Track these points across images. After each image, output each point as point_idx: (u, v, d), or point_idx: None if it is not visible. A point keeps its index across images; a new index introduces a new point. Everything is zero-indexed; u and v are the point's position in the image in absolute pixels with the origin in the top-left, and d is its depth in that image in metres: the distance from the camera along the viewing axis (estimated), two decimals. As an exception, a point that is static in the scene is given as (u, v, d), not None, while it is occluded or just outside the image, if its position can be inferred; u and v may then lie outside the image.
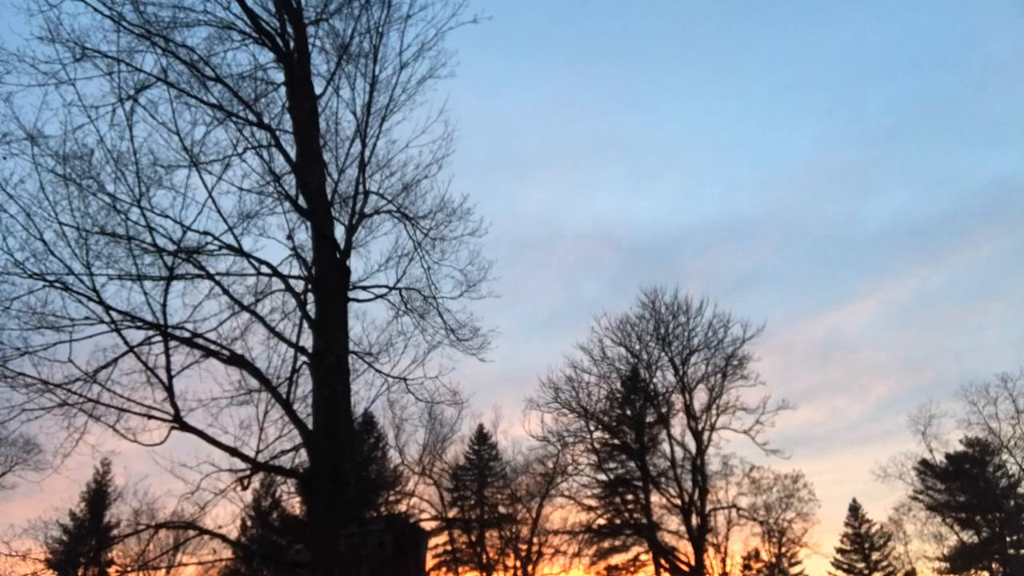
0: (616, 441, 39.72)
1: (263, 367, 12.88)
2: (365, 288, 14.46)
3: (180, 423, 11.59)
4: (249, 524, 38.95)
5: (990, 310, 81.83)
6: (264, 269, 13.16)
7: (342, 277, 13.33)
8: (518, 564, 42.18)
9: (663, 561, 36.72)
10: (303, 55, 14.27)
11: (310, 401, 12.73)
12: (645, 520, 38.20)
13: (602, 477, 40.52)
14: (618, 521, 40.74)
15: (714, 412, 36.80)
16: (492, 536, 43.82)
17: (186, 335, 12.09)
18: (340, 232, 13.72)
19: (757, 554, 47.29)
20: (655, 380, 38.56)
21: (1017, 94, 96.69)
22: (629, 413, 39.38)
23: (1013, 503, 47.88)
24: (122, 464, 63.57)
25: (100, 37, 12.14)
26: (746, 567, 47.35)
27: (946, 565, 48.61)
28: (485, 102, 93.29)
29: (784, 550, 46.47)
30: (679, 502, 36.08)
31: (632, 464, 39.53)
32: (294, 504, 37.02)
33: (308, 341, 13.09)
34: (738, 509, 40.38)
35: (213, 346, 12.31)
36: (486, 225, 15.03)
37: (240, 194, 13.44)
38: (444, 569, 44.55)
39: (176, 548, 14.79)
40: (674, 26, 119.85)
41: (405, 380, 14.95)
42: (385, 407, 36.67)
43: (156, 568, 18.35)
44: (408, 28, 14.27)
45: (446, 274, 15.05)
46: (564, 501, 40.97)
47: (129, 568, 20.82)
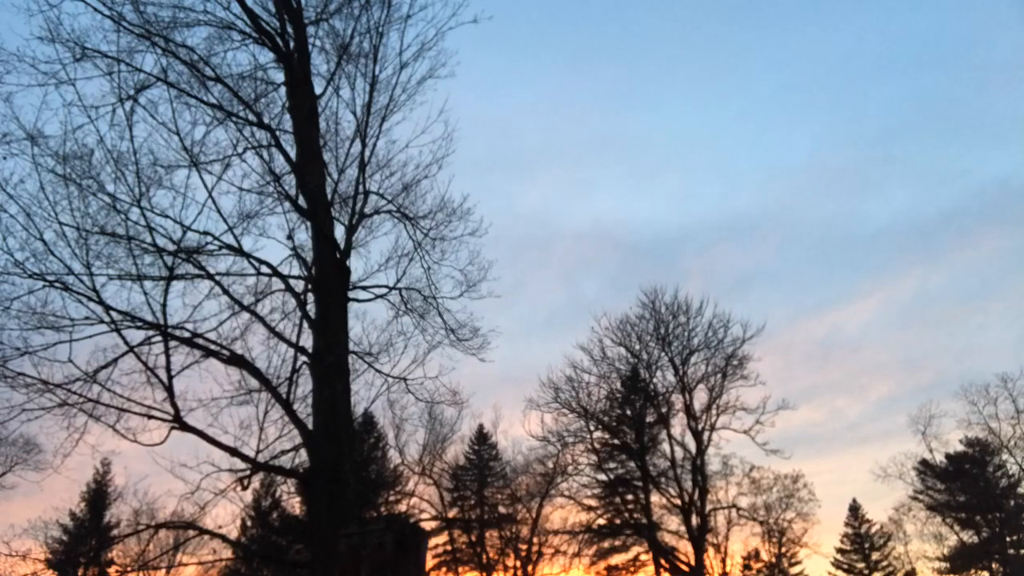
0: (616, 441, 39.71)
1: (263, 367, 12.90)
2: (365, 288, 14.49)
3: (180, 423, 11.59)
4: (249, 524, 38.95)
5: (990, 310, 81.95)
6: (264, 269, 13.18)
7: (342, 277, 13.33)
8: (518, 564, 42.18)
9: (663, 561, 36.72)
10: (303, 55, 14.27)
11: (310, 401, 12.74)
12: (645, 520, 38.20)
13: (602, 477, 40.57)
14: (618, 521, 40.73)
15: (714, 412, 36.86)
16: (492, 536, 43.83)
17: (186, 335, 12.10)
18: (340, 232, 13.74)
19: (757, 554, 47.33)
20: (655, 380, 38.63)
21: (1017, 94, 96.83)
22: (629, 413, 39.37)
23: (1013, 503, 47.87)
24: (122, 464, 63.58)
25: (100, 37, 12.17)
26: (746, 567, 47.35)
27: (946, 565, 48.63)
28: (485, 101, 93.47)
29: (784, 550, 46.49)
30: (679, 502, 36.09)
31: (632, 464, 39.53)
32: (294, 504, 37.06)
33: (308, 341, 13.11)
34: (738, 509, 40.42)
35: (213, 346, 12.32)
36: (486, 225, 15.08)
37: (240, 194, 13.47)
38: (444, 569, 44.55)
39: (176, 548, 14.79)
40: (674, 26, 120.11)
41: (405, 380, 14.99)
42: (385, 407, 36.74)
43: (156, 568, 18.33)
44: (408, 28, 14.32)
45: (446, 274, 15.09)
46: (564, 501, 41.05)
47: (129, 568, 20.80)
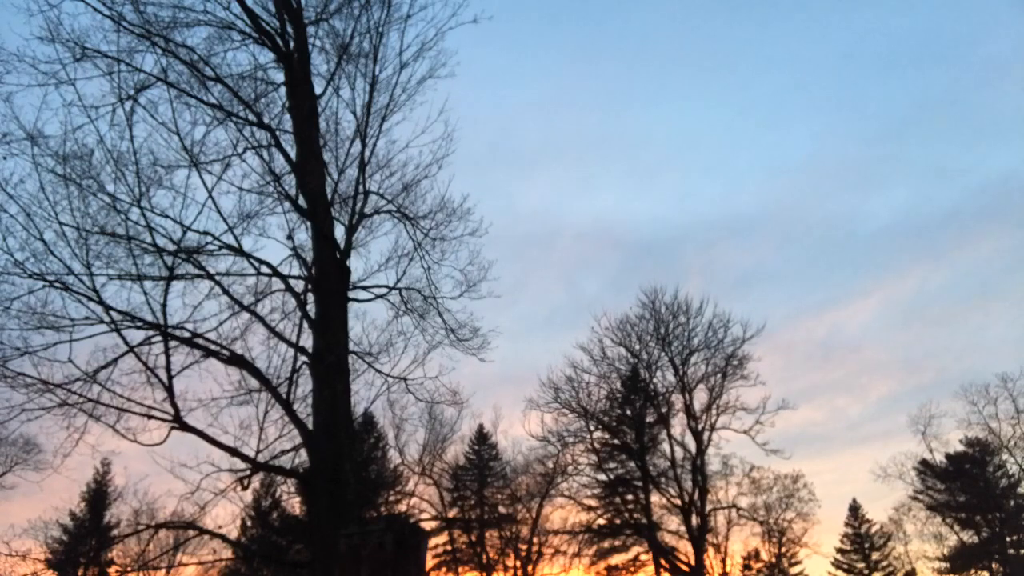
0: (616, 441, 39.71)
1: (263, 367, 12.91)
2: (365, 288, 14.50)
3: (180, 423, 11.60)
4: (249, 524, 38.96)
5: (991, 309, 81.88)
6: (264, 269, 13.19)
7: (342, 277, 13.34)
8: (518, 564, 42.19)
9: (663, 561, 36.72)
10: (303, 55, 14.28)
11: (310, 401, 12.75)
12: (645, 520, 38.20)
13: (602, 477, 40.55)
14: (618, 521, 40.73)
15: (714, 412, 36.83)
16: (492, 536, 43.82)
17: (186, 335, 12.11)
18: (340, 232, 13.75)
19: (757, 554, 47.33)
20: (655, 380, 38.61)
21: (1019, 91, 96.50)
22: (629, 413, 39.37)
23: (1013, 503, 47.87)
24: (122, 464, 63.70)
25: (100, 37, 12.18)
26: (746, 567, 47.36)
27: (946, 565, 48.62)
28: (486, 99, 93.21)
29: (784, 550, 46.49)
30: (679, 502, 36.07)
31: (632, 464, 39.52)
32: (294, 504, 37.07)
33: (308, 341, 13.12)
34: (738, 509, 40.40)
35: (213, 346, 12.33)
36: (486, 225, 15.09)
37: (240, 194, 13.48)
38: (444, 569, 44.55)
39: (176, 548, 14.79)
40: (674, 23, 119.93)
41: (405, 380, 15.00)
42: (385, 407, 36.73)
43: (156, 568, 18.34)
44: (408, 28, 14.33)
45: (446, 274, 15.10)
46: (564, 501, 41.04)
47: (129, 568, 20.83)
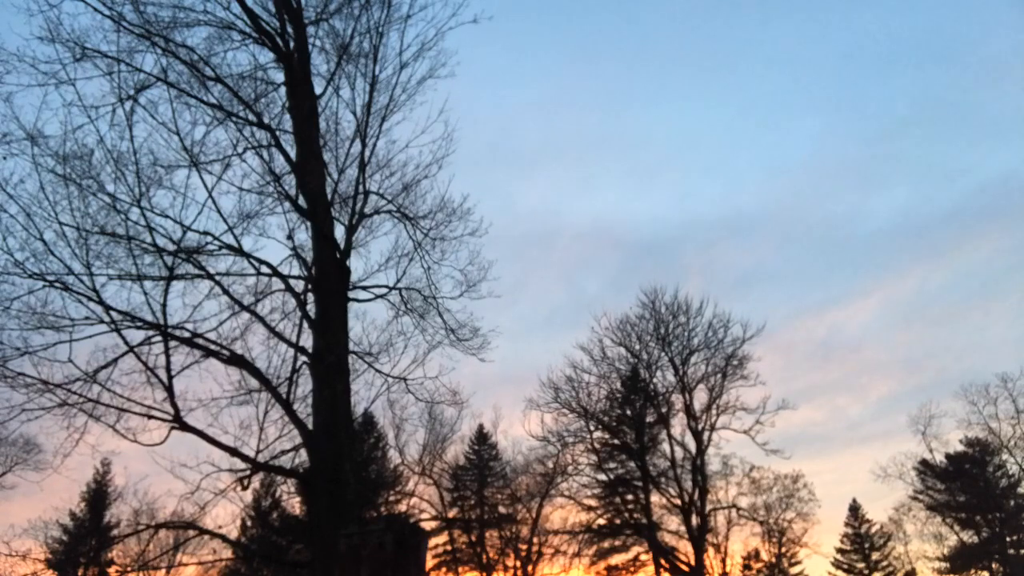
0: (616, 441, 39.71)
1: (263, 367, 12.92)
2: (365, 288, 14.51)
3: (180, 423, 11.60)
4: (249, 524, 38.96)
5: (991, 309, 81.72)
6: (264, 269, 13.20)
7: (342, 277, 13.35)
8: (518, 564, 42.19)
9: (663, 561, 36.72)
10: (303, 55, 14.28)
11: (310, 401, 12.75)
12: (645, 520, 38.20)
13: (602, 477, 40.55)
14: (618, 521, 40.73)
15: (714, 412, 36.82)
16: (492, 536, 43.82)
17: (186, 335, 12.11)
18: (340, 232, 13.76)
19: (757, 554, 47.34)
20: (655, 380, 38.60)
21: (1020, 91, 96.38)
22: (629, 413, 39.37)
23: (1013, 503, 47.87)
24: (122, 464, 63.76)
25: (100, 37, 12.18)
26: (746, 567, 47.36)
27: (946, 565, 48.62)
28: (486, 99, 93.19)
29: (784, 550, 46.49)
30: (679, 502, 36.07)
31: (632, 464, 39.52)
32: (294, 504, 37.08)
33: (308, 341, 13.12)
34: (738, 509, 40.40)
35: (213, 346, 12.33)
36: (486, 225, 15.11)
37: (240, 194, 13.49)
38: (444, 569, 44.55)
39: (176, 548, 14.80)
40: (675, 23, 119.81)
41: (405, 380, 15.02)
42: (385, 407, 36.75)
43: (156, 568, 18.35)
44: (408, 28, 14.34)
45: (446, 274, 15.11)
46: (564, 501, 41.03)
47: (129, 568, 20.86)
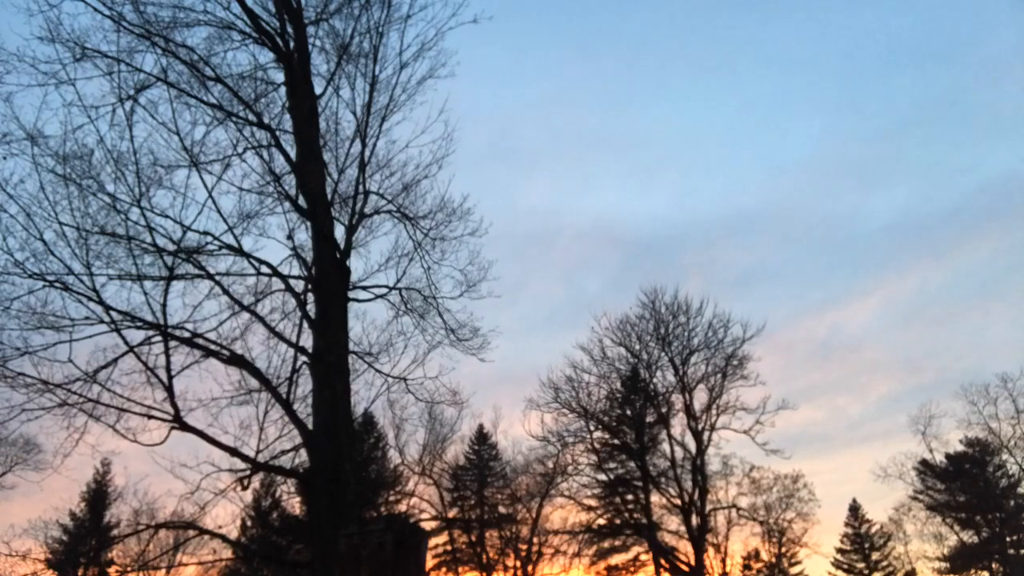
0: (616, 441, 39.70)
1: (263, 367, 12.94)
2: (365, 288, 14.53)
3: (180, 423, 11.61)
4: (249, 524, 38.97)
5: (992, 308, 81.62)
6: (264, 269, 13.21)
7: (342, 277, 13.35)
8: (518, 564, 42.18)
9: (663, 561, 36.71)
10: (303, 55, 14.29)
11: (310, 401, 12.76)
12: (645, 520, 38.19)
13: (602, 477, 40.54)
14: (618, 521, 40.73)
15: (714, 412, 36.81)
16: (492, 536, 43.81)
17: (186, 335, 12.12)
18: (340, 232, 13.78)
19: (757, 554, 47.33)
20: (655, 380, 38.58)
21: (1020, 90, 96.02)
22: (629, 413, 39.36)
23: (1013, 503, 47.86)
24: (122, 464, 63.73)
25: (100, 37, 12.20)
26: (746, 567, 47.35)
27: (946, 565, 48.60)
28: (486, 98, 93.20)
29: (784, 550, 46.47)
30: (679, 502, 36.06)
31: (632, 464, 39.52)
32: (294, 504, 37.09)
33: (308, 341, 13.13)
34: (738, 509, 40.38)
35: (213, 346, 12.34)
36: (486, 225, 15.15)
37: (240, 194, 13.51)
38: (444, 569, 44.55)
39: (176, 548, 14.81)
40: (675, 22, 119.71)
41: (405, 380, 15.04)
42: (385, 407, 36.75)
43: (156, 568, 18.35)
44: (408, 28, 14.37)
45: (446, 274, 15.14)
46: (564, 501, 41.02)
47: (129, 568, 20.87)
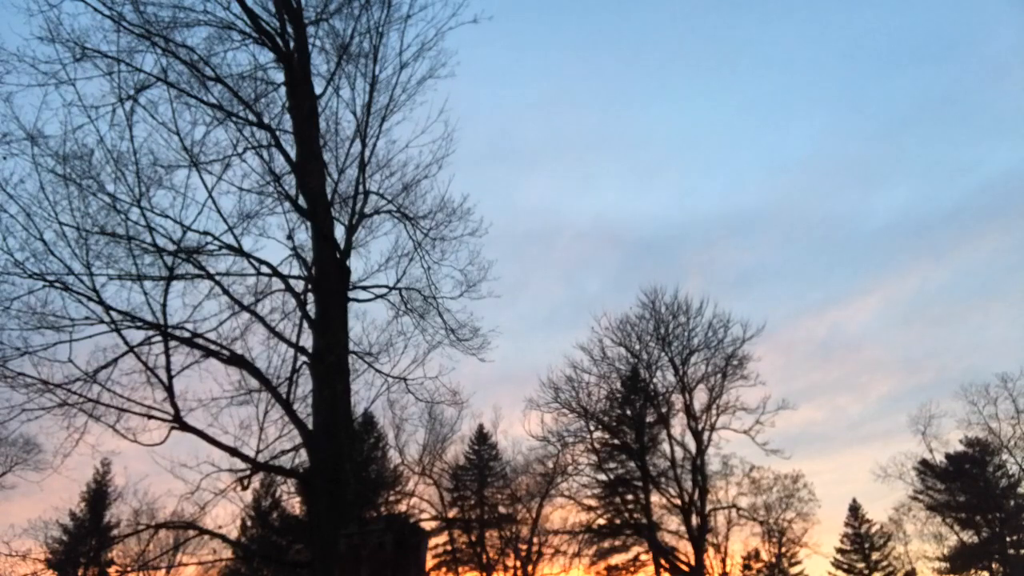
0: (616, 441, 39.70)
1: (263, 367, 12.94)
2: (365, 288, 14.53)
3: (180, 423, 11.61)
4: (249, 524, 38.96)
5: (992, 308, 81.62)
6: (264, 269, 13.21)
7: (342, 277, 13.35)
8: (518, 564, 42.17)
9: (663, 561, 36.71)
10: (303, 55, 14.29)
11: (310, 401, 12.76)
12: (645, 520, 38.18)
13: (602, 477, 40.53)
14: (618, 521, 40.72)
15: (714, 412, 36.80)
16: (492, 536, 43.80)
17: (186, 335, 12.12)
18: (340, 232, 13.78)
19: (757, 554, 47.32)
20: (655, 380, 38.57)
21: (1021, 89, 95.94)
22: (629, 413, 39.36)
23: (1013, 503, 47.85)
24: (122, 464, 63.85)
25: (100, 37, 12.20)
26: (746, 567, 47.34)
27: (946, 565, 48.60)
28: (486, 97, 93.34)
29: (784, 550, 46.47)
30: (679, 502, 36.06)
31: (632, 464, 39.51)
32: (294, 504, 37.08)
33: (308, 341, 13.13)
34: (738, 509, 40.37)
35: (213, 346, 12.34)
36: (486, 225, 15.17)
37: (240, 194, 13.52)
38: (444, 569, 44.55)
39: (176, 548, 14.81)
40: (675, 21, 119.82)
41: (405, 380, 15.05)
42: (385, 407, 36.83)
43: (156, 568, 18.34)
44: (408, 28, 14.38)
45: (446, 274, 15.15)
46: (564, 501, 41.01)
47: (129, 568, 20.85)
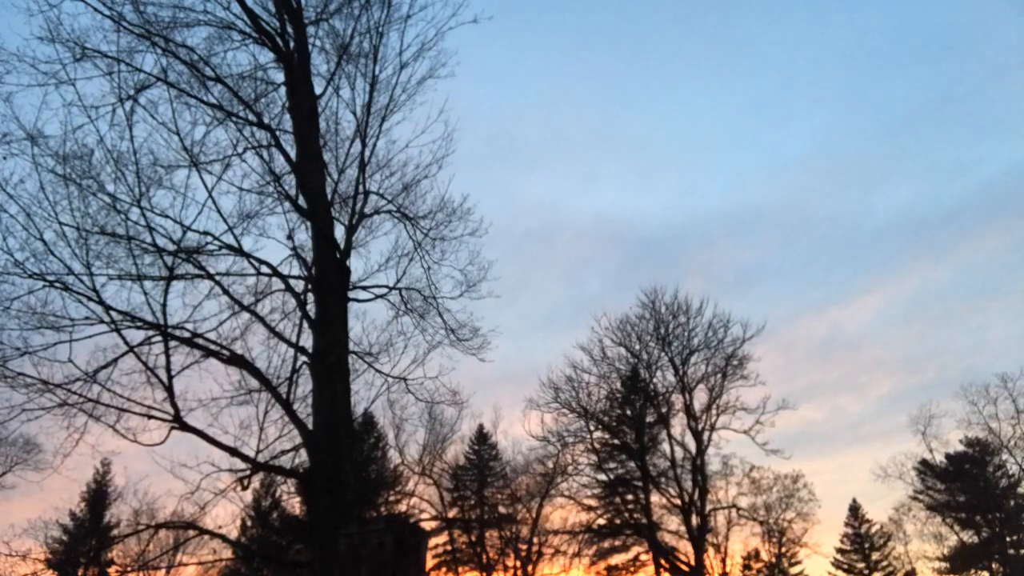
0: (616, 441, 39.71)
1: (263, 367, 12.93)
2: (365, 288, 14.54)
3: (180, 423, 11.60)
4: (249, 524, 38.96)
5: (993, 308, 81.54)
6: (264, 269, 13.21)
7: (342, 277, 13.36)
8: (518, 564, 42.17)
9: (663, 561, 36.72)
10: (303, 55, 14.29)
11: (310, 401, 12.76)
12: (645, 520, 38.19)
13: (602, 477, 40.56)
14: (618, 521, 40.73)
15: (714, 412, 36.82)
16: (492, 536, 43.82)
17: (186, 335, 12.12)
18: (340, 232, 13.79)
19: (757, 554, 47.32)
20: (655, 380, 38.60)
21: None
22: (629, 413, 39.36)
23: (1013, 503, 47.86)
24: (122, 464, 63.92)
25: (100, 37, 12.20)
26: (746, 567, 47.35)
27: (946, 565, 48.62)
28: (486, 96, 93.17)
29: (784, 550, 46.47)
30: (679, 502, 36.08)
31: (632, 464, 39.53)
32: (294, 504, 37.08)
33: (308, 341, 13.13)
34: (738, 509, 40.39)
35: (213, 346, 12.34)
36: (486, 225, 15.18)
37: (240, 194, 13.52)
38: (444, 569, 44.55)
39: (176, 548, 14.80)
40: (676, 19, 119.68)
41: (405, 380, 15.04)
42: (385, 407, 36.88)
43: (156, 568, 18.34)
44: (408, 28, 14.39)
45: (446, 274, 15.15)
46: (564, 501, 41.04)
47: (129, 568, 20.83)
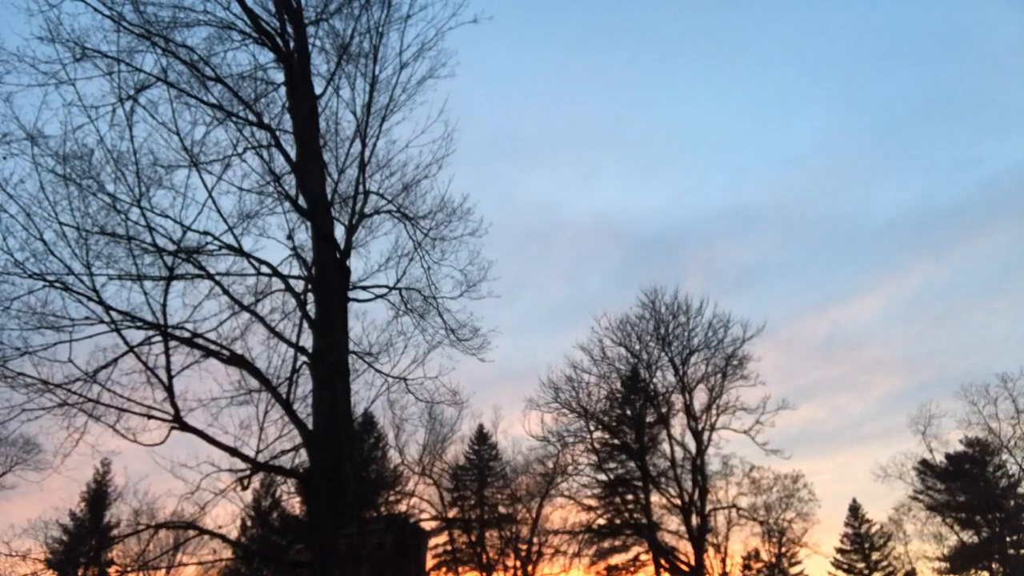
0: (616, 441, 39.72)
1: (263, 367, 12.92)
2: (365, 288, 14.53)
3: (180, 423, 11.60)
4: (249, 524, 39.00)
5: (994, 307, 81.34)
6: (264, 269, 13.21)
7: (342, 277, 13.36)
8: (518, 564, 42.17)
9: (663, 561, 36.73)
10: (303, 55, 14.30)
11: (310, 401, 12.76)
12: (645, 520, 38.20)
13: (602, 477, 40.58)
14: (618, 521, 40.75)
15: (714, 412, 36.84)
16: (492, 536, 43.81)
17: (186, 335, 12.12)
18: (340, 232, 13.79)
19: (757, 554, 47.31)
20: (655, 380, 38.61)
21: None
22: (629, 413, 39.37)
23: (1013, 503, 47.87)
24: (122, 464, 63.91)
25: (100, 37, 12.20)
26: (746, 567, 47.34)
27: (946, 565, 48.62)
28: (487, 93, 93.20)
29: (784, 550, 46.46)
30: (679, 502, 36.08)
31: (632, 464, 39.53)
32: (294, 504, 37.12)
33: (308, 341, 13.13)
34: (738, 509, 40.39)
35: (213, 346, 12.34)
36: (486, 225, 15.17)
37: (240, 194, 13.52)
38: (444, 569, 44.55)
39: (176, 548, 14.83)
40: (678, 17, 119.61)
41: (405, 380, 15.03)
42: (385, 407, 36.86)
43: (156, 568, 18.38)
44: (408, 28, 14.39)
45: (446, 274, 15.15)
46: (564, 501, 41.06)
47: (129, 568, 20.86)
